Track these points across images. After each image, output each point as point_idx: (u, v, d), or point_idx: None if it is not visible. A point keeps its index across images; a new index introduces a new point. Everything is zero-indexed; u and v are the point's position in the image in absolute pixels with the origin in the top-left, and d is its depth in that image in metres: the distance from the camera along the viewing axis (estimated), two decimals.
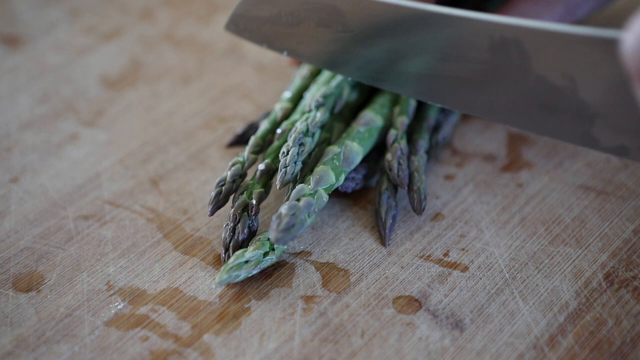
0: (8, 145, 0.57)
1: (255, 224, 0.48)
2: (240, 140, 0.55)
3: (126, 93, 0.61)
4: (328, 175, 0.48)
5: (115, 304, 0.46)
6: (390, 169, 0.50)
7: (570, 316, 0.45)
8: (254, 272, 0.46)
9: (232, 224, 0.48)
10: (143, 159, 0.55)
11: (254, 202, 0.48)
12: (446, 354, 0.43)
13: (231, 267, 0.45)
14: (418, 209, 0.49)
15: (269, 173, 0.50)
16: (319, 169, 0.48)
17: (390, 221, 0.49)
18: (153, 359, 0.43)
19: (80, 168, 0.55)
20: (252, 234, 0.48)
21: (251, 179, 0.50)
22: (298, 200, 0.46)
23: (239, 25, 0.54)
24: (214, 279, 0.47)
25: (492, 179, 0.53)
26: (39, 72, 0.63)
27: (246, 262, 0.45)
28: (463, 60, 0.45)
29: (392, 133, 0.51)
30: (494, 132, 0.56)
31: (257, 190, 0.49)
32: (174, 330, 0.45)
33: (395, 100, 0.53)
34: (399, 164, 0.50)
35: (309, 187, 0.47)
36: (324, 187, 0.47)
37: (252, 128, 0.55)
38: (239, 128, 0.56)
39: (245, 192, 0.49)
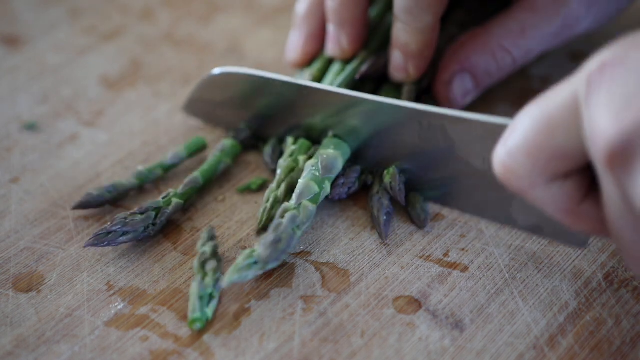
0: (8, 146, 0.57)
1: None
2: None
3: (126, 93, 0.61)
4: (309, 187, 0.48)
5: (115, 304, 0.46)
6: (392, 188, 0.50)
7: (570, 316, 0.45)
8: (260, 272, 0.46)
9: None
10: (143, 159, 0.55)
11: (167, 210, 0.49)
12: (446, 354, 0.43)
13: (241, 268, 0.45)
14: (421, 225, 0.50)
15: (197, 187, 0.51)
16: (300, 183, 0.48)
17: (384, 217, 0.49)
18: (153, 359, 0.43)
19: (81, 168, 0.55)
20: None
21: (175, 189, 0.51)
22: (282, 217, 0.46)
23: (195, 109, 0.57)
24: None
25: None
26: (39, 72, 0.63)
27: (255, 263, 0.45)
28: (396, 145, 0.49)
29: None
30: None
31: (176, 200, 0.50)
32: (174, 330, 0.45)
33: None
34: (400, 188, 0.50)
35: (292, 203, 0.47)
36: (308, 198, 0.47)
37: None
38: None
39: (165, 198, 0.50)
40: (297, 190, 0.48)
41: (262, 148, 0.55)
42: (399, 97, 0.53)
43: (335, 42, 0.55)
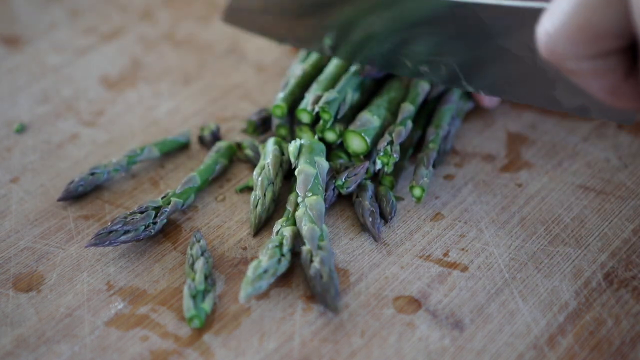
0: (8, 146, 0.57)
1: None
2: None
3: (126, 93, 0.61)
4: (321, 205, 0.48)
5: (115, 304, 0.46)
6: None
7: (570, 316, 0.45)
8: (272, 280, 0.46)
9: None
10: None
11: (167, 209, 0.49)
12: (446, 354, 0.43)
13: (253, 280, 0.44)
14: (387, 217, 0.50)
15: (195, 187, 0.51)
16: (313, 201, 0.48)
17: (369, 219, 0.49)
18: (153, 359, 0.43)
19: (81, 168, 0.55)
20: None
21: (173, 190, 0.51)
22: (320, 247, 0.46)
23: (234, 18, 0.58)
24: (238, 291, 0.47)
25: (491, 178, 0.53)
26: (40, 73, 0.63)
27: (265, 271, 0.45)
28: (432, 35, 0.49)
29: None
30: (494, 132, 0.56)
31: (175, 199, 0.50)
32: (174, 330, 0.45)
33: (394, 101, 0.53)
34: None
35: (316, 226, 0.46)
36: (323, 220, 0.47)
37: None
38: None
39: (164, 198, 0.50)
40: (312, 211, 0.47)
41: (243, 147, 0.55)
42: (405, 95, 0.54)
43: None
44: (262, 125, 0.56)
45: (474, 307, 0.45)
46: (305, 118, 0.53)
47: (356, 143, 0.52)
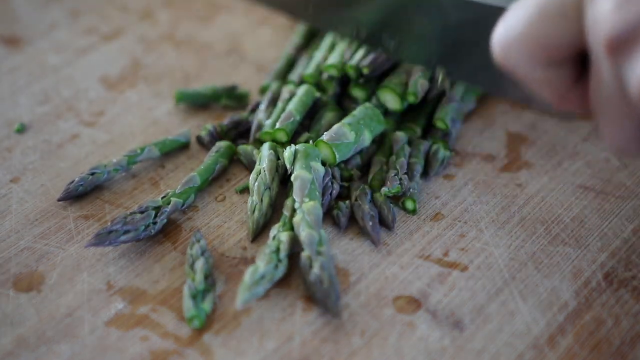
0: (9, 146, 0.57)
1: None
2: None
3: (126, 93, 0.61)
4: (319, 211, 0.48)
5: (115, 304, 0.46)
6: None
7: (569, 316, 0.45)
8: (269, 285, 0.45)
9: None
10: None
11: (166, 209, 0.49)
12: (446, 354, 0.43)
13: (250, 285, 0.44)
14: (389, 226, 0.50)
15: (194, 187, 0.51)
16: (310, 207, 0.47)
17: (370, 223, 0.49)
18: (153, 359, 0.43)
19: (81, 168, 0.55)
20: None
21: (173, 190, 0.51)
22: (319, 253, 0.45)
23: None
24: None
25: (491, 178, 0.53)
26: (40, 73, 0.63)
27: (262, 277, 0.45)
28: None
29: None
30: (494, 132, 0.56)
31: (175, 199, 0.50)
32: (174, 330, 0.45)
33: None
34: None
35: (314, 232, 0.46)
36: (320, 226, 0.47)
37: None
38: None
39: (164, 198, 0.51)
40: (310, 215, 0.47)
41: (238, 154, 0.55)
42: (405, 91, 0.54)
43: None
44: (234, 129, 0.56)
45: (473, 307, 0.45)
46: (283, 137, 0.53)
47: (326, 154, 0.51)
